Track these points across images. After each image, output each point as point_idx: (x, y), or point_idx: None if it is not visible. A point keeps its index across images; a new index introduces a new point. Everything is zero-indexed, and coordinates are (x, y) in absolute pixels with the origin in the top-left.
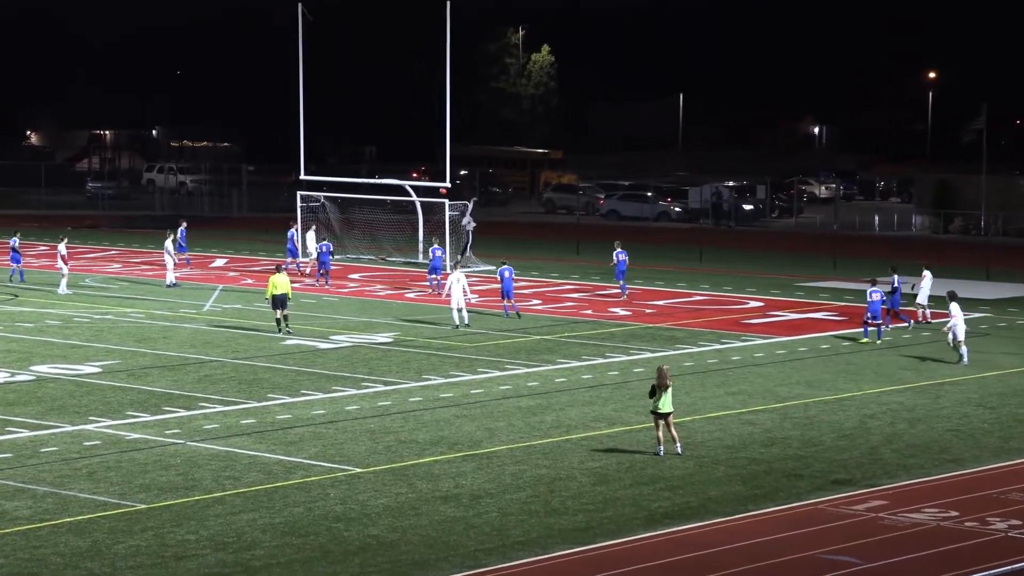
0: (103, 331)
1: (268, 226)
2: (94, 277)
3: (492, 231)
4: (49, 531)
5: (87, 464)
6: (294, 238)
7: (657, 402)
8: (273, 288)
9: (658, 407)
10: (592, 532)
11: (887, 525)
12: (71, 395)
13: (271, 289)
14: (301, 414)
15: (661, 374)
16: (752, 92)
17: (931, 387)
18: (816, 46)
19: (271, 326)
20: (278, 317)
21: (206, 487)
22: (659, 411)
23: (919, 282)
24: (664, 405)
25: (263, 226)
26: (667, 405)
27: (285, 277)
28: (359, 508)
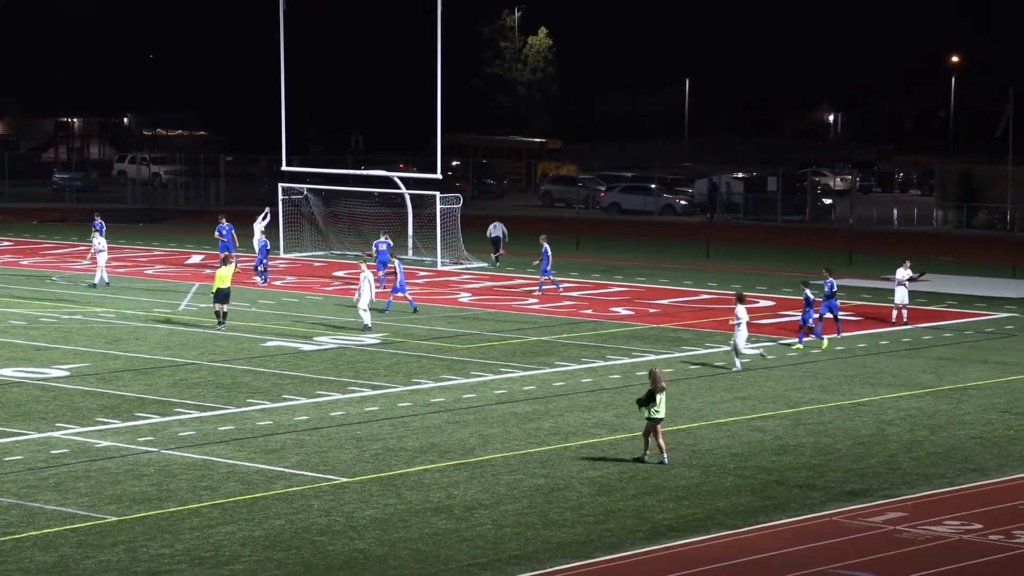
0: (71, 332)
1: (248, 220)
2: (61, 274)
3: (487, 225)
4: (13, 545)
5: (54, 474)
6: (223, 232)
7: (653, 408)
8: (220, 282)
9: (653, 413)
10: (592, 545)
11: (906, 539)
12: (37, 400)
13: (217, 283)
14: (283, 420)
15: (657, 377)
16: (764, 77)
17: (953, 391)
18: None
19: (250, 326)
20: (218, 311)
21: (181, 498)
22: (654, 417)
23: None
24: (660, 411)
25: (243, 220)
26: (663, 411)
27: (230, 270)
28: (344, 520)
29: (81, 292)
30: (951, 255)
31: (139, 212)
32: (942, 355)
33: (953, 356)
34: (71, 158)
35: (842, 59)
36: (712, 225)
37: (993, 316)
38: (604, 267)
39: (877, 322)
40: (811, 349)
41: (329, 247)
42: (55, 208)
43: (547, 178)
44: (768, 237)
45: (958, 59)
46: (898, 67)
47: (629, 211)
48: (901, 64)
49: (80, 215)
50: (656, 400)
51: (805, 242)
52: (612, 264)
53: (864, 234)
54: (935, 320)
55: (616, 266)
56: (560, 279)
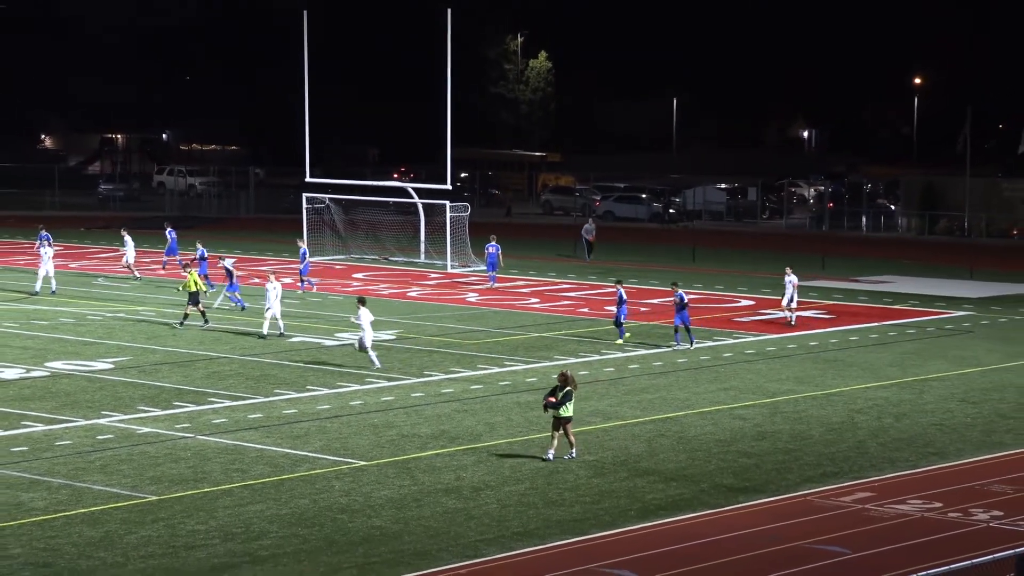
0: (115, 329)
1: (275, 227)
2: (107, 276)
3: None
4: (64, 522)
5: (100, 457)
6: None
7: (563, 408)
8: (194, 285)
9: (560, 412)
10: (588, 523)
11: (873, 516)
12: (84, 391)
13: (191, 285)
14: (307, 409)
15: (571, 380)
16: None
17: (916, 383)
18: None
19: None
20: (187, 312)
21: (215, 479)
22: (562, 416)
23: (788, 285)
24: (568, 410)
25: (270, 227)
26: (569, 410)
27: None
28: (363, 500)
29: (124, 292)
30: (914, 259)
31: (177, 220)
32: (906, 350)
33: (916, 351)
34: (115, 170)
35: (816, 79)
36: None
37: (952, 315)
38: (600, 270)
39: (849, 318)
40: (788, 345)
41: (348, 252)
42: (100, 216)
43: (547, 188)
44: (748, 243)
45: (920, 80)
46: (867, 87)
47: (622, 218)
48: (869, 85)
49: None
50: (571, 399)
51: (781, 247)
52: (607, 267)
53: (836, 239)
54: (900, 318)
55: (610, 268)
56: (559, 280)
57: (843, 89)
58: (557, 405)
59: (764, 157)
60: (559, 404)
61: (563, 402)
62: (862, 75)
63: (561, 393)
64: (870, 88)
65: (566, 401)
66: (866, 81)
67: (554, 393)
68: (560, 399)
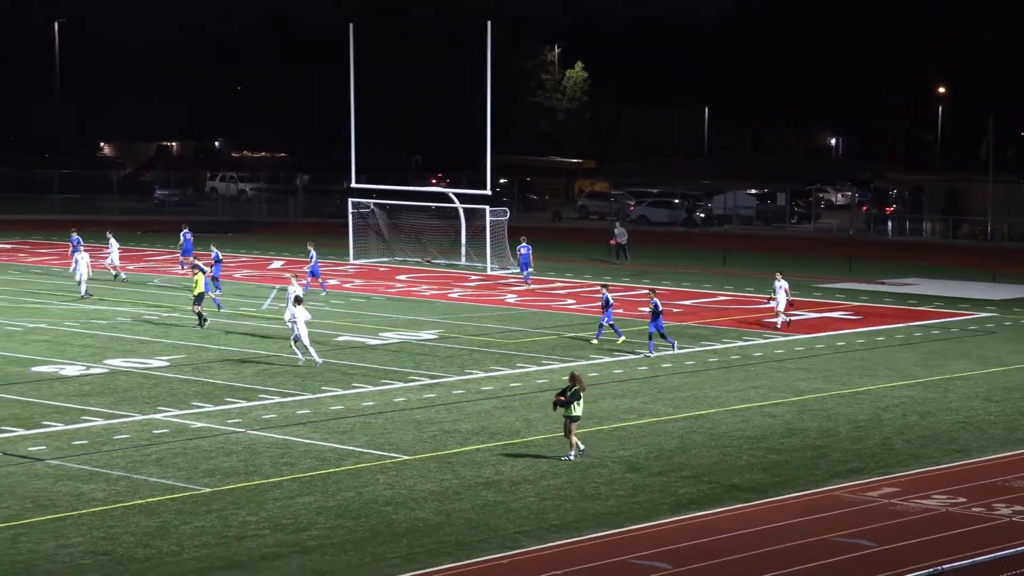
0: (170, 328)
1: (321, 230)
2: (161, 278)
3: (530, 236)
4: (122, 512)
5: (156, 451)
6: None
7: (572, 407)
8: (199, 287)
9: (570, 411)
10: (623, 516)
11: (899, 510)
12: (141, 387)
13: (198, 288)
14: (352, 405)
15: (579, 380)
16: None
17: (941, 382)
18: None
19: (324, 323)
20: (199, 312)
21: (265, 472)
22: (572, 415)
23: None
24: (576, 409)
25: (317, 231)
26: (579, 409)
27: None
28: (406, 493)
29: (178, 292)
30: (938, 262)
31: (228, 223)
32: (931, 350)
33: (940, 351)
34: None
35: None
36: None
37: (975, 316)
38: (634, 272)
39: (875, 319)
40: (816, 345)
41: (392, 254)
42: (156, 220)
43: (583, 194)
44: (778, 246)
45: (944, 90)
46: (891, 97)
47: (655, 223)
48: (894, 94)
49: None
50: (580, 399)
51: (809, 250)
52: (641, 269)
53: (862, 243)
54: (925, 319)
55: (644, 271)
56: (594, 282)
57: (868, 98)
58: (566, 403)
59: (792, 164)
60: (568, 403)
61: (571, 401)
62: (886, 84)
63: (570, 392)
64: (894, 97)
65: (575, 400)
66: (890, 90)
67: (564, 393)
68: (569, 398)
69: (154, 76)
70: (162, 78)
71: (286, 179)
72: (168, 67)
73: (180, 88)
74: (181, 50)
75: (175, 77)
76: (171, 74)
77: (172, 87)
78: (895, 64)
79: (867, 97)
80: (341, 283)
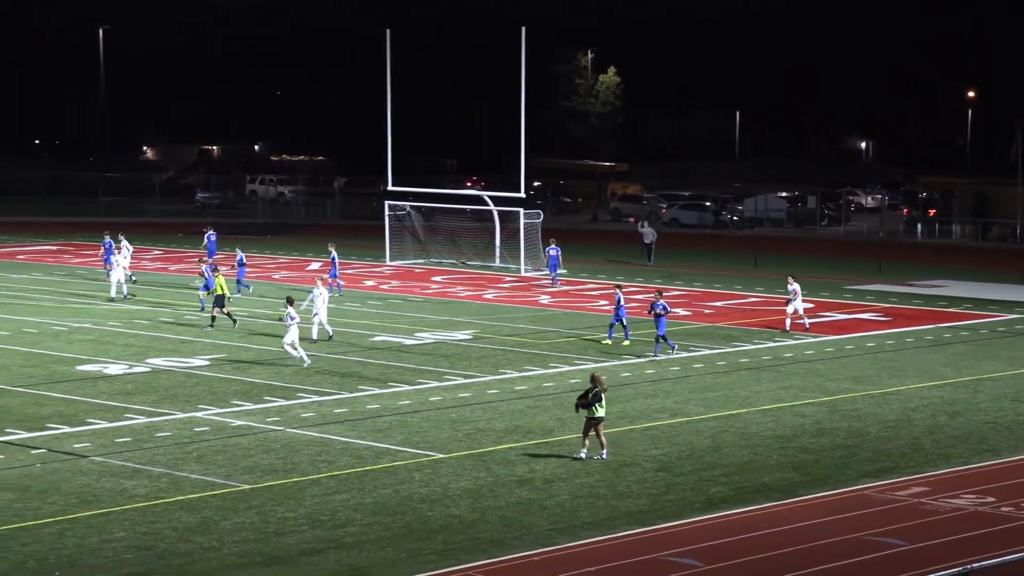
0: (237, 326)
1: (358, 232)
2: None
3: (563, 237)
4: (164, 508)
5: (197, 448)
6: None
7: (594, 408)
8: (220, 288)
9: (592, 412)
10: (655, 514)
11: (928, 510)
12: (182, 385)
13: (218, 289)
14: (389, 404)
15: (600, 381)
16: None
17: (970, 383)
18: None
19: (361, 323)
20: (215, 314)
21: (303, 470)
22: (594, 416)
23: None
24: (599, 410)
25: (354, 232)
26: (601, 410)
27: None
28: (441, 490)
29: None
30: (967, 264)
31: (267, 226)
32: (960, 351)
33: (970, 352)
34: (211, 180)
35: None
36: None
37: (1005, 317)
38: (665, 274)
39: (905, 320)
40: (846, 346)
41: (428, 256)
42: (197, 222)
43: (616, 197)
44: (808, 249)
45: (973, 94)
46: (921, 101)
47: (687, 225)
48: (924, 99)
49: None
50: (602, 400)
51: (840, 252)
52: (672, 271)
53: (892, 245)
54: (954, 320)
55: (676, 272)
56: (626, 284)
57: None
58: (588, 405)
59: (822, 167)
60: (590, 404)
61: (593, 402)
62: (916, 89)
63: (592, 394)
64: (924, 101)
65: (596, 402)
66: (920, 95)
67: (586, 395)
68: (590, 399)
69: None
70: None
71: (324, 182)
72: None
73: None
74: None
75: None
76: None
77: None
78: (924, 69)
79: (897, 101)
80: (378, 284)
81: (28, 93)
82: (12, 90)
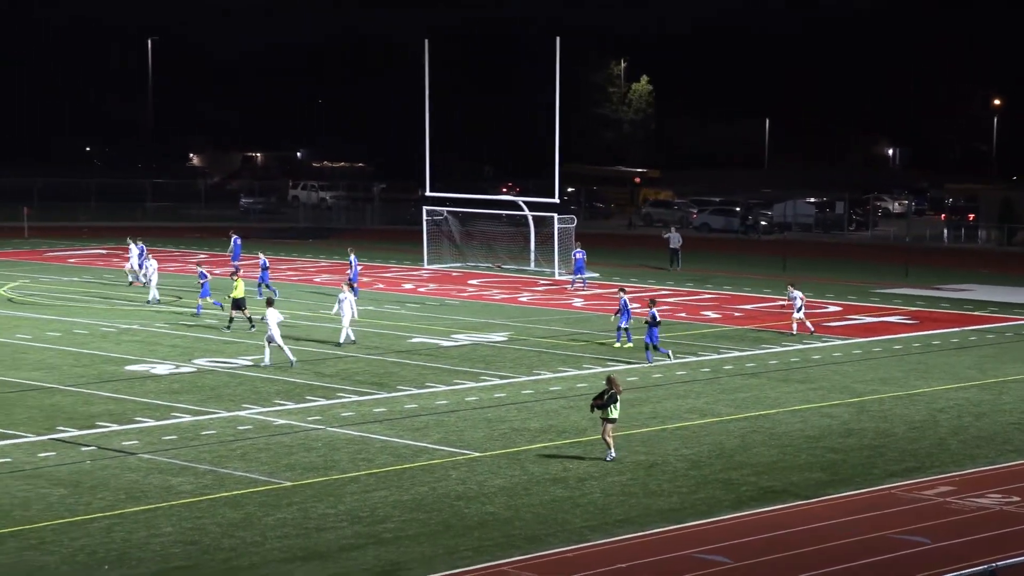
0: (254, 329)
1: (397, 237)
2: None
3: (596, 242)
4: (208, 504)
5: (240, 446)
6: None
7: (609, 409)
8: (238, 292)
9: (607, 414)
10: (685, 512)
11: (954, 509)
12: (226, 385)
13: (236, 292)
14: (426, 404)
15: (615, 383)
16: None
17: (995, 384)
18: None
19: (399, 325)
20: (233, 316)
21: (343, 468)
22: (609, 417)
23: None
24: (614, 412)
25: (392, 237)
26: (617, 413)
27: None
28: (477, 488)
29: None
30: (993, 269)
31: (309, 230)
32: (986, 353)
33: (995, 354)
34: (254, 186)
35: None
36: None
37: None
38: (696, 277)
39: (931, 324)
40: (873, 348)
41: (465, 260)
42: (241, 227)
43: (648, 202)
44: (836, 253)
45: (999, 102)
46: (948, 108)
47: (717, 230)
48: (950, 106)
49: (260, 233)
50: (617, 402)
51: (867, 257)
52: (703, 275)
53: (918, 250)
54: (980, 324)
55: (706, 276)
56: (658, 287)
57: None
58: (603, 406)
59: (850, 174)
60: (605, 405)
61: (608, 404)
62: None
63: (607, 396)
64: (951, 109)
65: (611, 403)
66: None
67: (601, 396)
68: (605, 401)
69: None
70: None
71: (364, 188)
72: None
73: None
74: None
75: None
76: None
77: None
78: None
79: (924, 109)
80: (416, 287)
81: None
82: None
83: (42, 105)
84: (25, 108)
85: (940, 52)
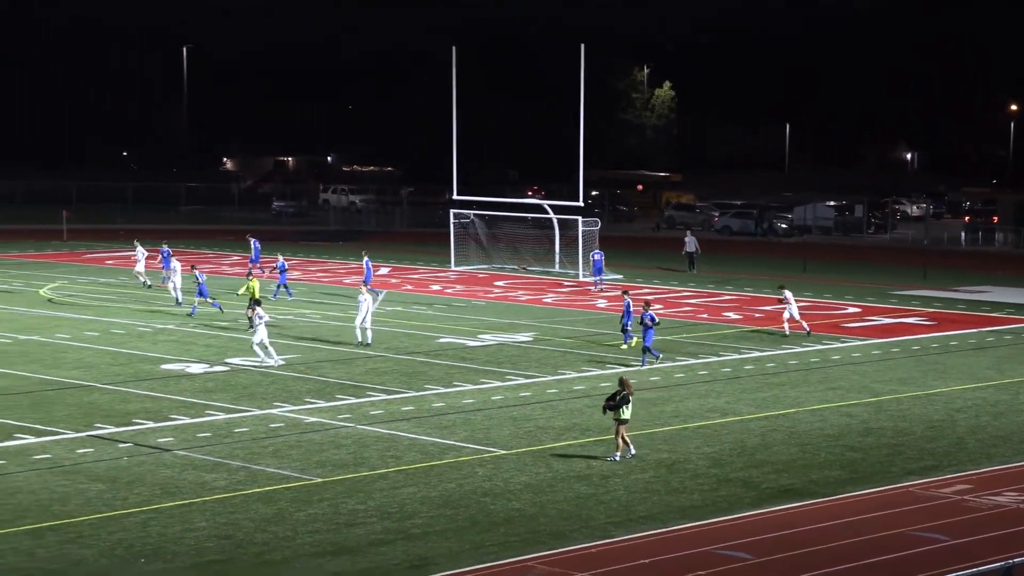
0: (284, 329)
1: (425, 239)
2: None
3: (619, 244)
4: (241, 500)
5: (272, 443)
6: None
7: (621, 410)
8: (252, 292)
9: (620, 415)
10: (707, 509)
11: (971, 506)
12: (259, 384)
13: (252, 292)
14: (453, 403)
15: (627, 385)
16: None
17: (1012, 384)
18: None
19: (427, 325)
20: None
21: (372, 464)
22: (621, 418)
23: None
24: (626, 413)
25: (420, 239)
26: (629, 413)
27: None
28: (503, 485)
29: (295, 297)
30: (1010, 271)
31: (339, 233)
32: (1003, 354)
33: (1012, 355)
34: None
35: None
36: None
37: None
38: (717, 279)
39: (949, 325)
40: (892, 349)
41: (491, 262)
42: (273, 229)
43: (670, 205)
44: (855, 255)
45: (1016, 107)
46: (965, 113)
47: (738, 233)
48: (968, 111)
49: (292, 235)
50: (629, 403)
51: (886, 259)
52: (724, 276)
53: (936, 252)
54: (997, 325)
55: (727, 278)
56: (680, 288)
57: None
58: (616, 407)
59: (869, 177)
60: (617, 407)
61: (620, 405)
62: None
63: (619, 397)
64: (969, 114)
65: (623, 404)
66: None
67: (613, 397)
68: (618, 402)
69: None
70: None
71: (393, 191)
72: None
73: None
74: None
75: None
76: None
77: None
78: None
79: (942, 114)
80: (443, 288)
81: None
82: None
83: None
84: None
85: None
